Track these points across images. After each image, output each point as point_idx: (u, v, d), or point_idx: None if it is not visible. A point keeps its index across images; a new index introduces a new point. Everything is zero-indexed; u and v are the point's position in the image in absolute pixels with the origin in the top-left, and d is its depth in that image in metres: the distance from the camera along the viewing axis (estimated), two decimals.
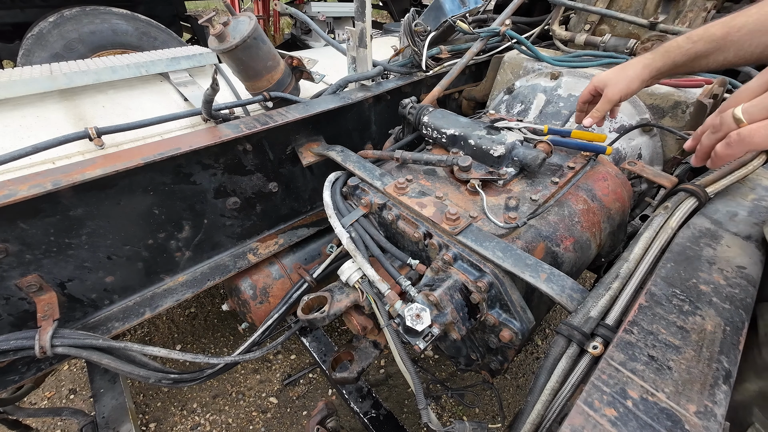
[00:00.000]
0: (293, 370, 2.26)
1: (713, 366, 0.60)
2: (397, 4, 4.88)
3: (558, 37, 1.97)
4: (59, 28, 2.89)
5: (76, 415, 1.44)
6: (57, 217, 1.00)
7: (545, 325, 2.58)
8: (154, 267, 1.24)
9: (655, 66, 1.03)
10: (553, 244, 1.07)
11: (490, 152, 1.18)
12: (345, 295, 1.09)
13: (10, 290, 1.00)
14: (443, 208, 1.04)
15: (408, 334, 0.86)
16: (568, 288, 0.83)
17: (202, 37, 4.51)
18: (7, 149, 1.16)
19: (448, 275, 0.95)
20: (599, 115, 1.11)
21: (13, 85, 1.46)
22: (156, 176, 1.13)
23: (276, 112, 1.36)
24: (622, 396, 0.57)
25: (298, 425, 2.01)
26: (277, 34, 6.56)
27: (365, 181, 1.21)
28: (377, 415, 1.50)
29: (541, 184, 1.18)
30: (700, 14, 1.65)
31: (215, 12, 1.42)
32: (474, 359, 1.13)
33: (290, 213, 1.55)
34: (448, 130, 1.29)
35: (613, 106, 1.09)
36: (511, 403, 2.13)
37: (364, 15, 1.45)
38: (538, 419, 0.67)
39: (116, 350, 1.05)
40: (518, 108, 1.76)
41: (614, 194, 1.25)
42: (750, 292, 0.74)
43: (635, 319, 0.67)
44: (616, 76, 1.06)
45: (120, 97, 1.67)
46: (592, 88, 1.14)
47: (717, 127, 0.65)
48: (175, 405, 2.08)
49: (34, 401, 2.08)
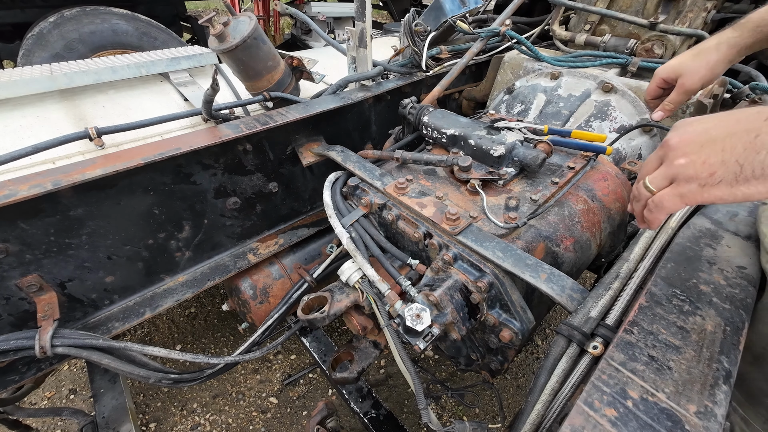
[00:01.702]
0: (293, 370, 2.26)
1: (713, 366, 0.60)
2: (397, 4, 4.88)
3: (558, 37, 1.97)
4: (59, 28, 2.89)
5: (76, 415, 1.44)
6: (57, 217, 1.00)
7: (545, 325, 2.58)
8: (154, 267, 1.24)
9: (745, 44, 0.96)
10: (553, 244, 1.07)
11: (490, 152, 1.18)
12: (345, 295, 1.09)
13: (10, 290, 1.00)
14: (443, 208, 1.04)
15: (408, 334, 0.86)
16: (568, 288, 0.83)
17: (202, 37, 4.51)
18: (8, 149, 1.16)
19: (448, 275, 0.95)
20: (674, 108, 1.03)
21: (13, 85, 1.46)
22: (156, 176, 1.13)
23: (276, 112, 1.36)
24: (622, 396, 0.57)
25: (298, 425, 2.01)
26: (277, 34, 6.56)
27: (365, 181, 1.21)
28: (377, 415, 1.50)
29: (541, 184, 1.18)
30: (700, 14, 1.65)
31: (215, 12, 1.42)
32: (474, 359, 1.13)
33: (290, 213, 1.55)
34: (448, 130, 1.29)
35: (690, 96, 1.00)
36: (511, 403, 2.13)
37: (364, 15, 1.45)
38: (538, 419, 0.67)
39: (116, 350, 1.05)
40: (518, 108, 1.76)
41: (614, 194, 1.25)
42: (750, 292, 0.74)
43: (635, 320, 0.67)
44: (694, 63, 0.98)
45: (120, 97, 1.67)
46: (660, 81, 1.05)
47: (637, 197, 0.71)
48: (175, 405, 2.08)
49: (34, 401, 2.08)
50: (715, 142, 0.57)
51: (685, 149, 0.61)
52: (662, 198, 0.65)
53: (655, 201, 0.66)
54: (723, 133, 0.57)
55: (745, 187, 0.55)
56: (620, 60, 1.66)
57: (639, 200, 0.70)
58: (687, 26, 1.66)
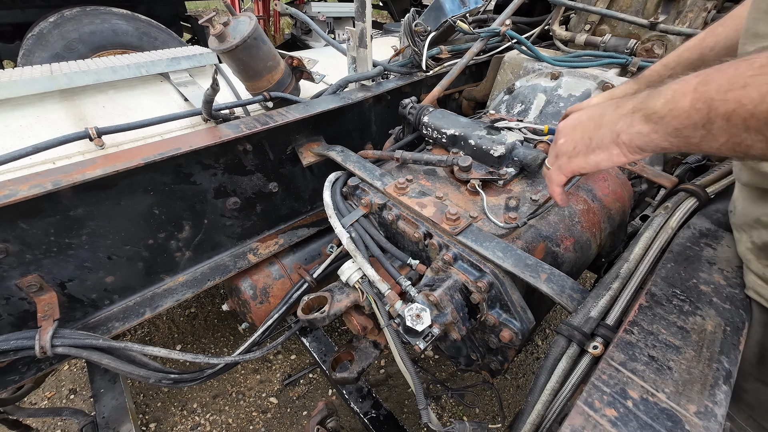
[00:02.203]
0: (293, 370, 2.26)
1: (713, 366, 0.60)
2: (397, 4, 4.89)
3: (558, 37, 1.97)
4: (59, 28, 2.89)
5: (77, 415, 1.44)
6: (57, 217, 1.00)
7: (545, 325, 2.58)
8: (154, 267, 1.24)
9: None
10: (554, 244, 1.07)
11: (491, 152, 1.18)
12: (345, 295, 1.09)
13: (10, 290, 1.00)
14: (443, 208, 1.04)
15: (408, 334, 0.86)
16: (568, 288, 0.83)
17: (202, 37, 4.51)
18: (8, 149, 1.16)
19: (448, 275, 0.95)
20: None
21: (13, 85, 1.46)
22: (156, 176, 1.13)
23: (276, 112, 1.36)
24: (622, 396, 0.57)
25: (298, 425, 2.02)
26: (278, 34, 6.56)
27: (365, 181, 1.21)
28: (377, 415, 1.50)
29: (541, 184, 1.18)
30: (700, 14, 1.65)
31: (215, 12, 1.42)
32: (474, 359, 1.13)
33: (290, 213, 1.55)
34: (448, 130, 1.29)
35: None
36: (512, 404, 2.13)
37: (365, 15, 1.45)
38: (539, 419, 0.67)
39: (116, 350, 1.05)
40: (518, 108, 1.76)
41: (614, 194, 1.25)
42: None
43: (635, 320, 0.67)
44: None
45: (120, 97, 1.67)
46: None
47: (544, 176, 0.86)
48: (175, 405, 2.08)
49: (34, 401, 2.08)
50: (582, 123, 0.73)
51: (564, 132, 0.77)
52: (550, 173, 0.81)
53: (547, 175, 0.83)
54: (587, 116, 0.72)
55: (593, 155, 0.70)
56: (620, 60, 1.66)
57: (545, 178, 0.85)
58: (687, 26, 1.66)
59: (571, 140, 0.74)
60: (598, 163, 0.70)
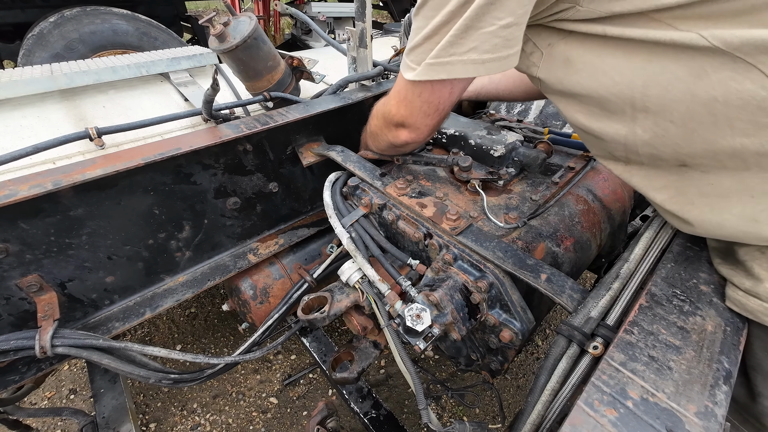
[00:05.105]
0: (293, 371, 2.26)
1: (714, 366, 0.60)
2: (397, 4, 4.89)
3: None
4: (60, 28, 2.89)
5: (77, 415, 1.44)
6: (57, 217, 1.00)
7: (545, 326, 2.58)
8: (154, 267, 1.24)
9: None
10: (554, 244, 1.07)
11: (491, 152, 1.18)
12: (345, 296, 1.09)
13: (10, 290, 1.00)
14: (443, 209, 1.04)
15: (408, 335, 0.86)
16: (568, 288, 0.83)
17: (202, 38, 4.52)
18: (8, 149, 1.16)
19: (449, 275, 0.95)
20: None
21: (13, 85, 1.46)
22: (156, 176, 1.13)
23: (276, 112, 1.36)
24: (622, 396, 0.57)
25: (298, 425, 2.02)
26: (278, 34, 6.57)
27: (365, 181, 1.21)
28: (377, 415, 1.50)
29: (541, 185, 1.18)
30: None
31: (215, 12, 1.42)
32: (474, 359, 1.13)
33: (290, 213, 1.55)
34: (449, 130, 1.29)
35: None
36: (512, 404, 2.13)
37: (365, 15, 1.45)
38: (539, 419, 0.67)
39: (116, 350, 1.05)
40: (518, 108, 1.76)
41: (614, 194, 1.25)
42: None
43: (636, 320, 0.67)
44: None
45: (120, 97, 1.67)
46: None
47: None
48: (175, 405, 2.08)
49: (34, 401, 2.08)
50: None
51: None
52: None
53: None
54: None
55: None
56: None
57: None
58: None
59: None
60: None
